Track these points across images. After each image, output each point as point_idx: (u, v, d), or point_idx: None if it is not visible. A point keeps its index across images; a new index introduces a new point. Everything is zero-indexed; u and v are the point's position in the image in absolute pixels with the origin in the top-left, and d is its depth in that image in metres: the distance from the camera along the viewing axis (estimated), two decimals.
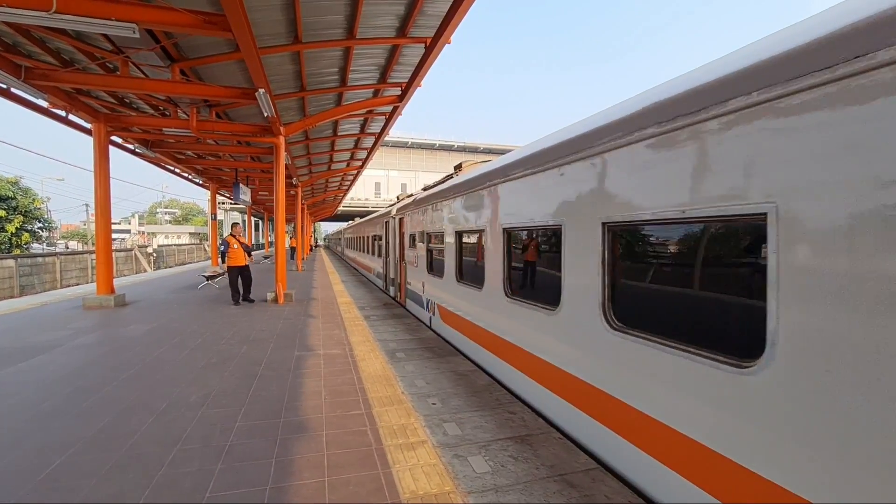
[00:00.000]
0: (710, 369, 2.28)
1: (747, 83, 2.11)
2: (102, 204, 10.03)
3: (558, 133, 4.10)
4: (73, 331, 7.30)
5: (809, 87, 1.84)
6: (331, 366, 5.46)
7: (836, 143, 1.75)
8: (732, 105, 2.16)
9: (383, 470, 3.01)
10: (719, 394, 2.23)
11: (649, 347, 2.70)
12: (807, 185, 1.85)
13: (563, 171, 3.67)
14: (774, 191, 1.98)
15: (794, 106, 1.91)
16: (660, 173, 2.64)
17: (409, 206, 9.69)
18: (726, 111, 2.19)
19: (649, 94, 2.98)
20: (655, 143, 2.67)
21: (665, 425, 2.58)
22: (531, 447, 3.38)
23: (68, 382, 4.77)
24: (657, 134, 2.65)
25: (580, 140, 3.47)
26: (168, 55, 7.74)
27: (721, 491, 2.21)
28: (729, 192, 2.20)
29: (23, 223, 28.65)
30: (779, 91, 1.95)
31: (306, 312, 9.25)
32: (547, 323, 3.93)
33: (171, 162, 15.05)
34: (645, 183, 2.75)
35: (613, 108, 3.35)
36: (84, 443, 3.38)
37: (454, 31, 7.94)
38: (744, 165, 2.13)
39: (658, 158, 2.66)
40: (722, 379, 2.21)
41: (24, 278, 19.05)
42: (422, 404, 4.24)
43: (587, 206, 3.34)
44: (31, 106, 9.21)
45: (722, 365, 2.22)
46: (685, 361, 2.43)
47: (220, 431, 3.60)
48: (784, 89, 1.93)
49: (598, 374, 3.23)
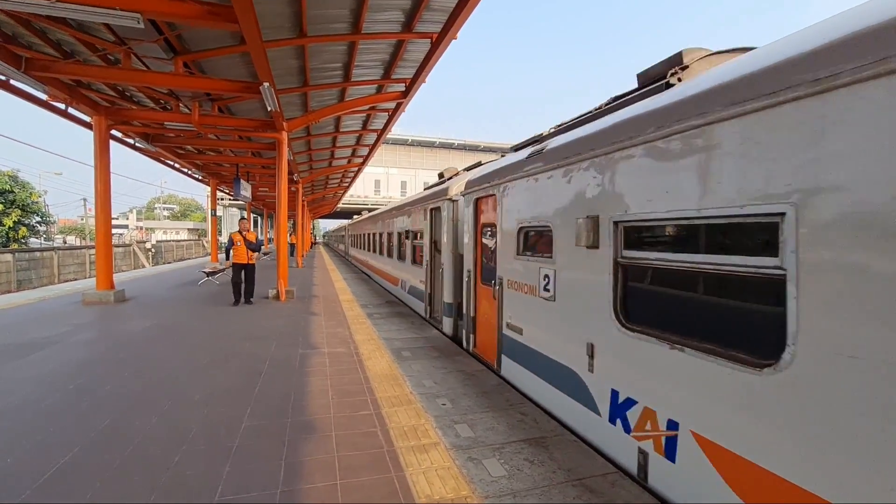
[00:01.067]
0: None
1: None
2: (103, 198, 9.91)
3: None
4: (73, 326, 7.19)
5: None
6: (336, 364, 5.37)
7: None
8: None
9: (396, 473, 2.93)
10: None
11: None
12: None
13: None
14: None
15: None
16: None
17: (512, 171, 4.83)
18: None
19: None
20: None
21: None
22: (546, 450, 3.30)
23: (69, 380, 4.67)
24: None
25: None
26: (171, 47, 7.62)
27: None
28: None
29: (20, 217, 28.47)
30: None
31: (308, 310, 9.16)
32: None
33: (171, 157, 14.91)
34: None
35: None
36: (87, 443, 3.28)
37: (462, 26, 7.83)
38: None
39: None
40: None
41: (21, 273, 18.87)
42: (431, 405, 4.15)
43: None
44: (30, 98, 9.09)
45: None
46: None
47: (227, 431, 3.52)
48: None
49: None
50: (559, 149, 3.94)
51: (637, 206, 2.94)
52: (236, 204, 47.15)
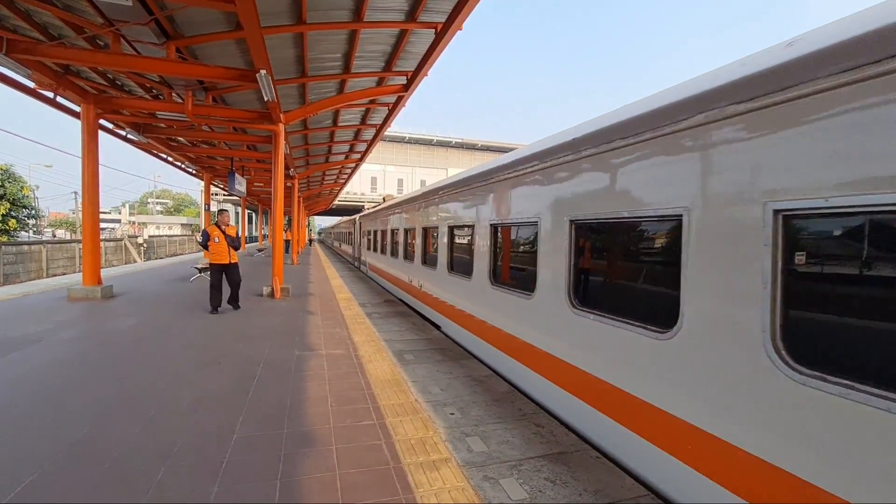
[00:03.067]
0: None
1: None
2: (90, 189, 9.49)
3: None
4: (55, 324, 6.80)
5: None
6: (335, 368, 5.05)
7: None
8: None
9: (406, 496, 2.63)
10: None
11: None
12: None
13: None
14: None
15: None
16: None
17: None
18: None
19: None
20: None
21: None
22: (568, 468, 3.01)
23: (46, 383, 4.31)
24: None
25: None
26: (163, 31, 7.23)
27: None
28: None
29: (9, 210, 27.79)
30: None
31: (305, 308, 8.82)
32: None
33: (163, 149, 14.46)
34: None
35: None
36: (60, 457, 2.94)
37: (468, 16, 7.53)
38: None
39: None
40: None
41: (7, 266, 18.38)
42: (439, 414, 3.85)
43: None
44: (17, 86, 8.67)
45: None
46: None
47: (217, 443, 3.19)
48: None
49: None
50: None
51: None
52: (231, 199, 46.57)
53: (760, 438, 2.18)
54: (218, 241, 8.06)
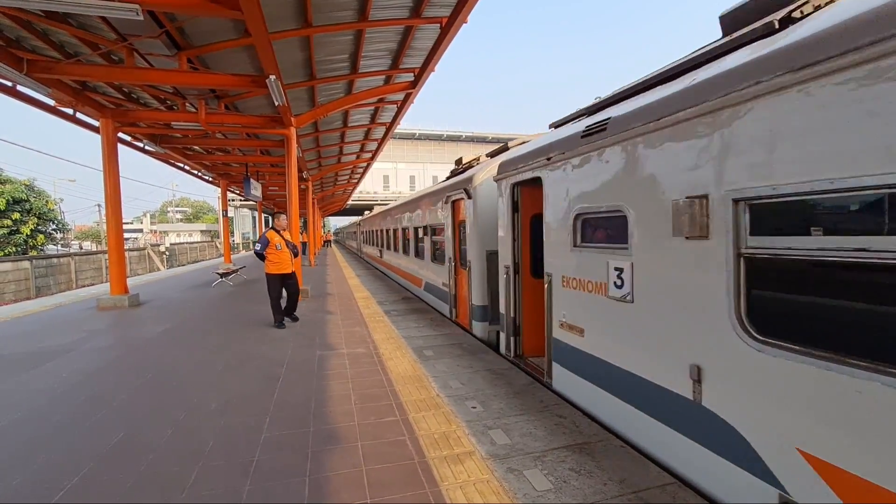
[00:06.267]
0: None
1: None
2: (113, 201, 9.77)
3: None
4: (87, 333, 7.06)
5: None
6: (356, 366, 5.13)
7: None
8: None
9: (431, 489, 2.66)
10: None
11: None
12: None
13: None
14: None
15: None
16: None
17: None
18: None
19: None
20: None
21: None
22: (592, 458, 3.00)
23: (81, 390, 4.49)
24: None
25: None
26: (174, 43, 7.37)
27: None
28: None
29: (37, 225, 28.82)
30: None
31: (324, 308, 8.94)
32: None
33: (180, 158, 14.78)
34: None
35: None
36: (98, 461, 3.07)
37: (472, 8, 7.46)
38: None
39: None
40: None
41: (39, 279, 19.06)
42: (461, 408, 3.88)
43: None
44: (38, 105, 9.01)
45: None
46: None
47: (245, 444, 3.28)
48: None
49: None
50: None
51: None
52: (247, 204, 47.39)
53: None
54: (280, 249, 7.30)
